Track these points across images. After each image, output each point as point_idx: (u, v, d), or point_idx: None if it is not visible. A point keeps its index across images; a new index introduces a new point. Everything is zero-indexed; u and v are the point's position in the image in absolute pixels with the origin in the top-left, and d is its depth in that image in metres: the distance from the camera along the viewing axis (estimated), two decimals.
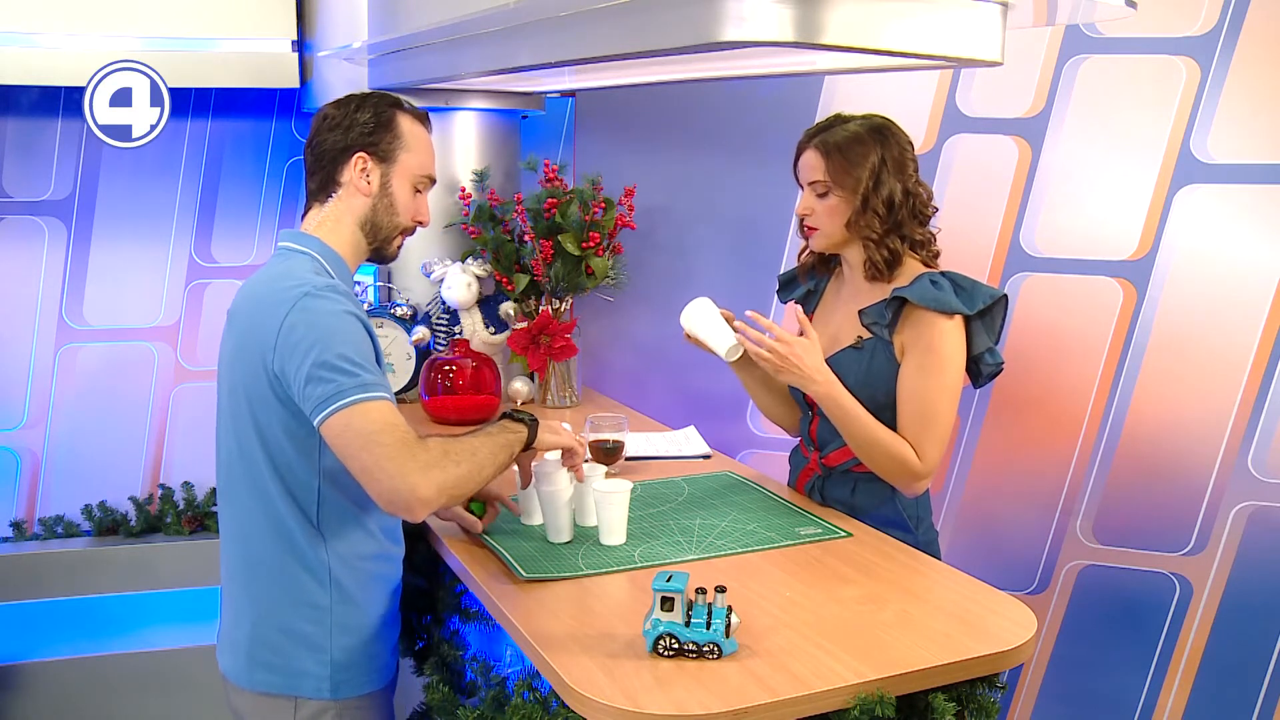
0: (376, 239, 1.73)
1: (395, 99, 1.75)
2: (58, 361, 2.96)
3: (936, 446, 1.90)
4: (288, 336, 1.53)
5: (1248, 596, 2.68)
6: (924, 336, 1.89)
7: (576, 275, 2.73)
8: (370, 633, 1.70)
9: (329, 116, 1.71)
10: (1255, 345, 2.62)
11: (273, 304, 1.57)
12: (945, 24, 1.53)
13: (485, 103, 2.77)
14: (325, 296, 1.56)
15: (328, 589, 1.64)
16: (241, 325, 1.63)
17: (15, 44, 2.64)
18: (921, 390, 1.89)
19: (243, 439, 1.62)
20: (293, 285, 1.57)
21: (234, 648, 1.71)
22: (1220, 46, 2.57)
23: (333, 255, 1.69)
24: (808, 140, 1.99)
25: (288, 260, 1.66)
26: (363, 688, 1.70)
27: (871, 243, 1.94)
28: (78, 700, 2.86)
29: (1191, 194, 2.63)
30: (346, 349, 1.52)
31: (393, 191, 1.71)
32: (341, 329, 1.54)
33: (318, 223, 1.71)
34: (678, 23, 1.48)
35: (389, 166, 1.71)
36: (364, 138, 1.69)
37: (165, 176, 2.96)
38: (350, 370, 1.51)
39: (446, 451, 1.55)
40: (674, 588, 1.41)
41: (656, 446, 2.39)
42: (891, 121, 1.97)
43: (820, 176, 1.94)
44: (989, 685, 1.47)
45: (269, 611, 1.65)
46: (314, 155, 1.72)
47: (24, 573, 2.81)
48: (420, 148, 1.74)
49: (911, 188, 1.94)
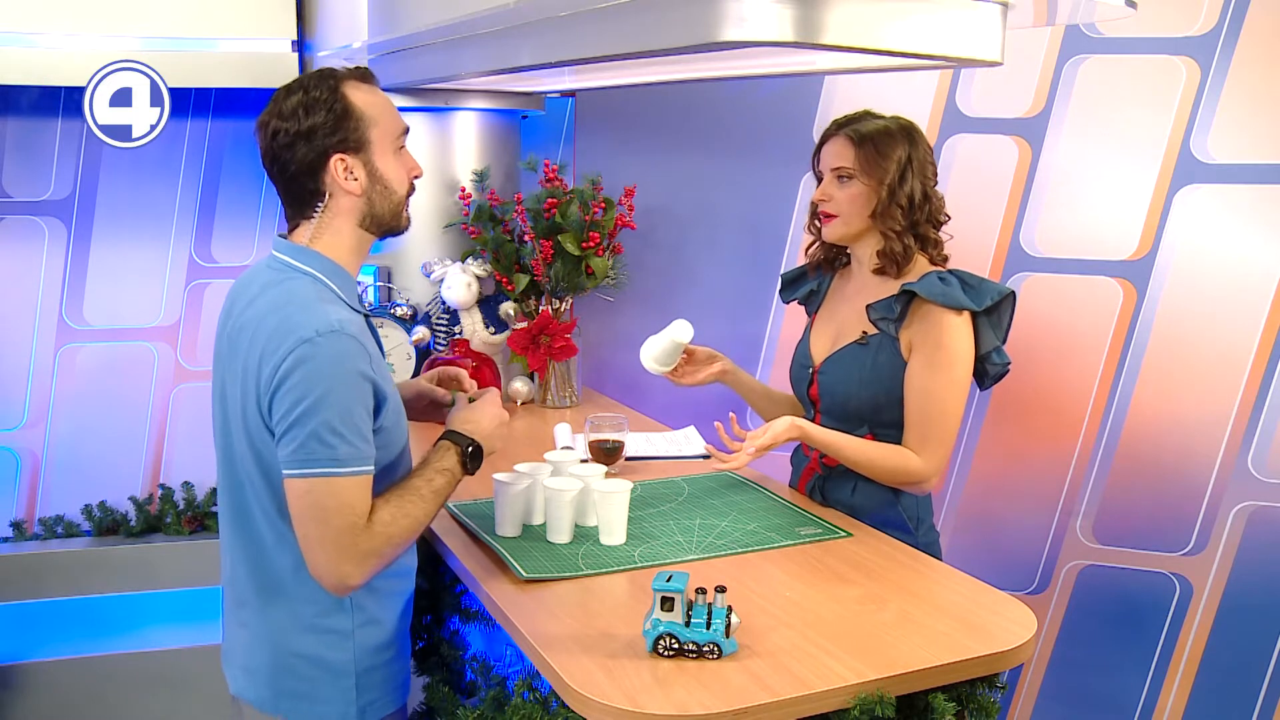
0: (383, 225, 1.63)
1: (331, 73, 1.58)
2: (58, 361, 2.96)
3: (942, 444, 1.90)
4: (283, 381, 1.46)
5: (1248, 596, 2.68)
6: (932, 333, 1.89)
7: (576, 275, 2.73)
8: (394, 651, 1.67)
9: (279, 131, 1.55)
10: (1255, 345, 2.62)
11: (276, 341, 1.48)
12: (945, 24, 1.53)
13: (485, 103, 2.77)
14: (328, 343, 1.46)
15: (349, 613, 1.60)
16: (242, 349, 1.54)
17: (15, 44, 2.64)
18: (929, 387, 1.89)
19: (245, 464, 1.55)
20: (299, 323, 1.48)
21: (252, 674, 1.64)
22: (1220, 46, 2.57)
23: (335, 269, 1.58)
24: (836, 129, 2.00)
25: (289, 282, 1.55)
26: (386, 708, 1.66)
27: (893, 234, 1.95)
28: (78, 700, 2.86)
29: (1191, 194, 2.63)
30: (332, 414, 1.45)
31: (381, 173, 1.59)
32: (336, 389, 1.46)
33: (312, 234, 1.59)
34: (678, 23, 1.48)
35: (367, 152, 1.57)
36: (330, 138, 1.54)
37: (165, 176, 2.96)
38: (329, 441, 1.45)
39: (390, 537, 1.52)
40: (674, 588, 1.41)
41: (656, 446, 2.39)
42: (918, 126, 1.99)
43: (848, 163, 1.95)
44: (989, 685, 1.47)
45: (290, 638, 1.59)
46: (284, 176, 1.57)
47: (24, 573, 2.80)
48: (383, 113, 1.60)
49: (930, 191, 1.97)
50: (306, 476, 1.46)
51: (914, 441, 1.92)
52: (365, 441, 1.49)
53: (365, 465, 1.49)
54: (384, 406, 1.54)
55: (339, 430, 1.45)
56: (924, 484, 1.94)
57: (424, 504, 1.58)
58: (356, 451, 1.47)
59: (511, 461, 1.96)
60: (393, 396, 1.58)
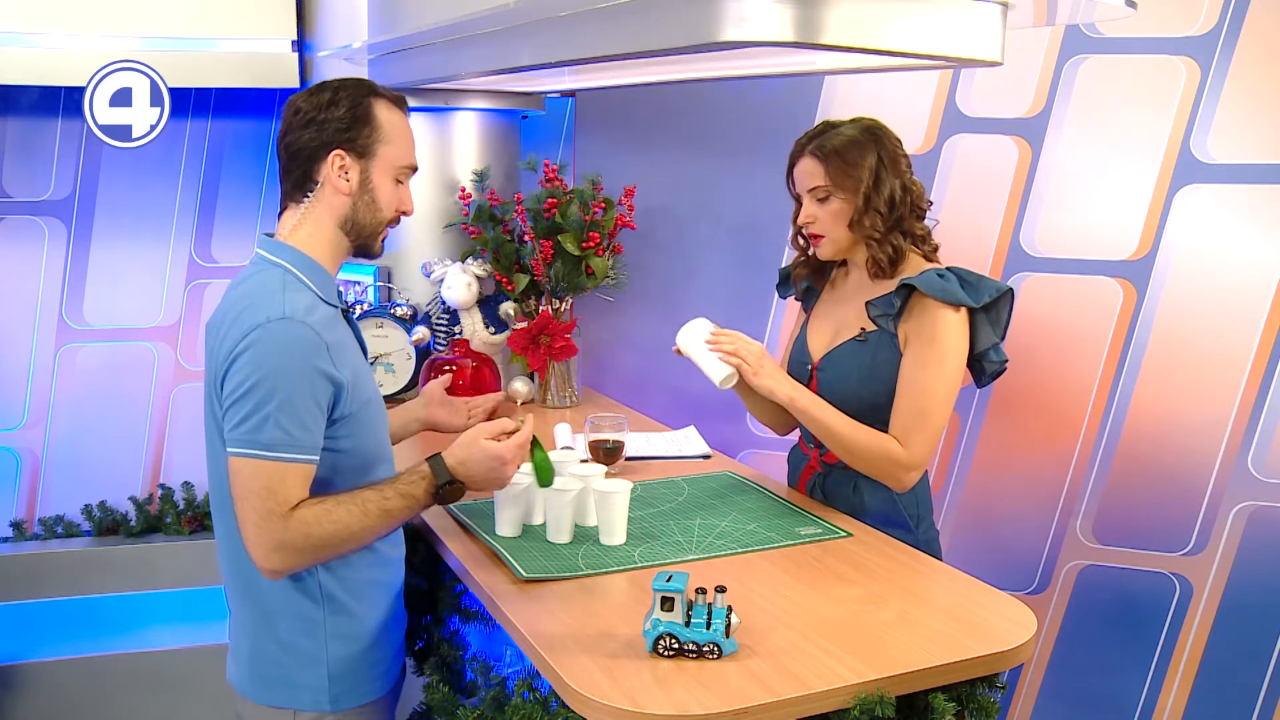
0: (360, 237, 1.65)
1: (370, 86, 1.64)
2: (58, 361, 2.96)
3: (928, 439, 1.90)
4: (233, 362, 1.50)
5: (1248, 596, 2.68)
6: (927, 328, 1.89)
7: (576, 275, 2.73)
8: (369, 640, 1.67)
9: (300, 111, 1.60)
10: (1255, 345, 2.62)
11: (235, 327, 1.52)
12: (945, 24, 1.53)
13: (485, 103, 2.77)
14: (278, 329, 1.50)
15: (320, 602, 1.62)
16: (214, 341, 1.58)
17: (15, 44, 2.64)
18: (919, 381, 1.90)
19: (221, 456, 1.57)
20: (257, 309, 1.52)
21: (238, 658, 1.70)
22: (1220, 46, 2.57)
23: (308, 263, 1.61)
24: (800, 149, 1.99)
25: (260, 274, 1.59)
26: (363, 697, 1.68)
27: (875, 242, 1.95)
28: (78, 700, 2.86)
29: (1191, 194, 2.63)
30: (270, 399, 1.47)
31: (374, 187, 1.62)
32: (279, 375, 1.48)
33: (293, 226, 1.63)
34: (678, 23, 1.48)
35: (368, 161, 1.61)
36: (340, 134, 1.59)
37: (165, 176, 2.96)
38: (262, 425, 1.48)
39: (308, 535, 1.52)
40: (674, 588, 1.41)
41: (656, 446, 2.39)
42: (879, 121, 1.99)
43: (820, 182, 1.95)
44: (989, 685, 1.47)
45: (266, 625, 1.63)
46: (288, 154, 1.63)
47: (24, 573, 2.80)
48: (399, 137, 1.65)
49: (908, 183, 1.96)
50: (238, 455, 1.50)
51: (899, 432, 1.91)
52: (304, 430, 1.50)
53: (298, 454, 1.51)
54: (342, 396, 1.55)
55: (273, 416, 1.48)
56: (904, 475, 1.92)
57: (364, 519, 1.56)
58: (289, 439, 1.49)
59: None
60: (358, 387, 1.59)
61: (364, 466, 1.64)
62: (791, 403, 1.94)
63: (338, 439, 1.57)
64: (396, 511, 1.60)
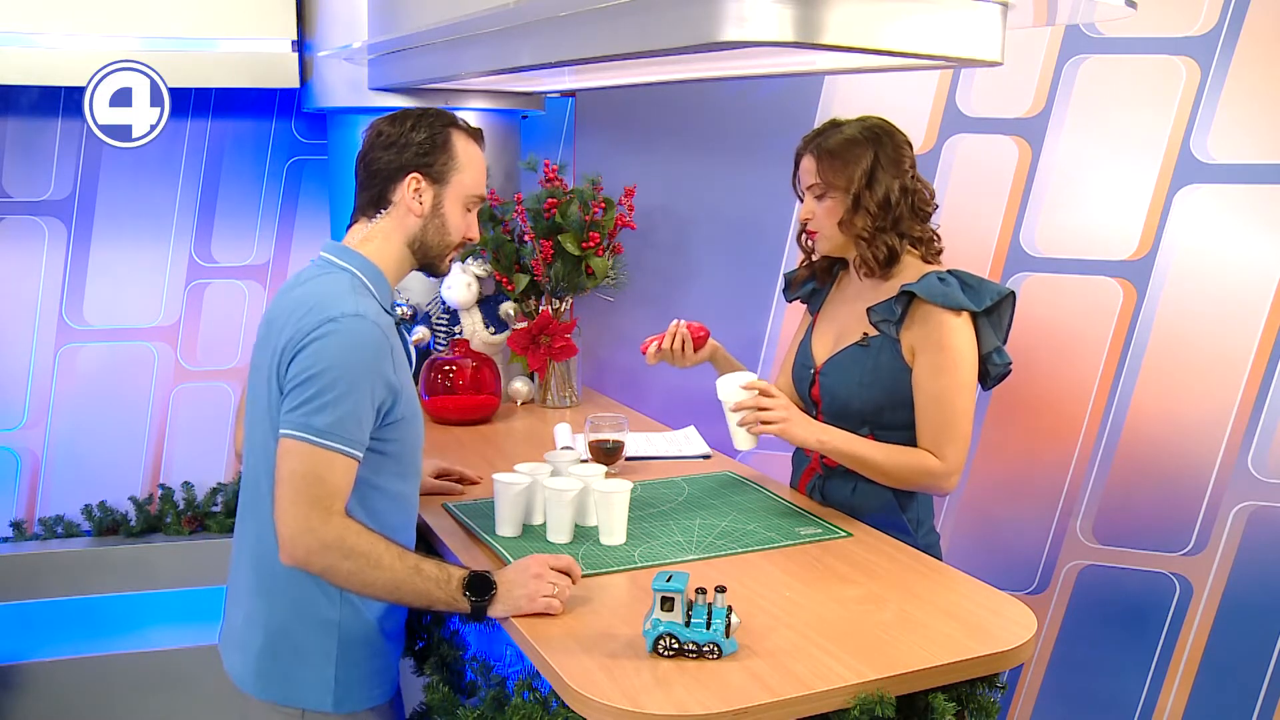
0: (426, 257, 1.73)
1: (451, 117, 1.73)
2: (58, 361, 2.96)
3: (959, 444, 1.90)
4: (301, 350, 1.54)
5: (1248, 596, 2.68)
6: (933, 335, 1.89)
7: (576, 275, 2.73)
8: (377, 646, 1.69)
9: (383, 133, 1.69)
10: (1255, 345, 2.62)
11: (306, 318, 1.56)
12: (945, 24, 1.53)
13: (485, 103, 2.77)
14: (350, 325, 1.55)
15: (337, 604, 1.63)
16: (273, 336, 1.62)
17: (15, 44, 2.64)
18: (938, 390, 1.89)
19: (267, 453, 1.60)
20: (330, 304, 1.57)
21: (244, 650, 1.69)
22: (1220, 46, 2.57)
23: (374, 272, 1.67)
24: (804, 147, 2.01)
25: (327, 274, 1.66)
26: (366, 702, 1.69)
27: (864, 241, 1.95)
28: (78, 700, 2.86)
29: (1191, 194, 2.63)
30: (333, 390, 1.52)
31: (445, 212, 1.70)
32: (345, 368, 1.53)
33: (364, 237, 1.70)
34: (678, 23, 1.48)
35: (442, 187, 1.69)
36: (419, 158, 1.67)
37: (165, 176, 2.96)
38: (323, 412, 1.51)
39: (344, 540, 1.52)
40: (674, 588, 1.41)
41: (656, 446, 2.39)
42: (887, 121, 1.98)
43: (815, 179, 1.96)
44: (989, 685, 1.47)
45: (282, 624, 1.64)
46: (367, 171, 1.70)
47: (24, 573, 2.80)
48: (473, 167, 1.73)
49: (909, 184, 1.95)
50: (290, 437, 1.53)
51: (930, 444, 1.91)
52: (357, 425, 1.55)
53: (350, 448, 1.54)
54: (398, 401, 1.61)
55: (332, 405, 1.52)
56: (944, 484, 1.93)
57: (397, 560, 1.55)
58: (342, 430, 1.53)
59: (511, 462, 1.97)
60: (409, 396, 1.66)
61: (403, 473, 1.68)
62: (821, 445, 1.93)
63: (385, 441, 1.62)
64: (427, 573, 1.57)
